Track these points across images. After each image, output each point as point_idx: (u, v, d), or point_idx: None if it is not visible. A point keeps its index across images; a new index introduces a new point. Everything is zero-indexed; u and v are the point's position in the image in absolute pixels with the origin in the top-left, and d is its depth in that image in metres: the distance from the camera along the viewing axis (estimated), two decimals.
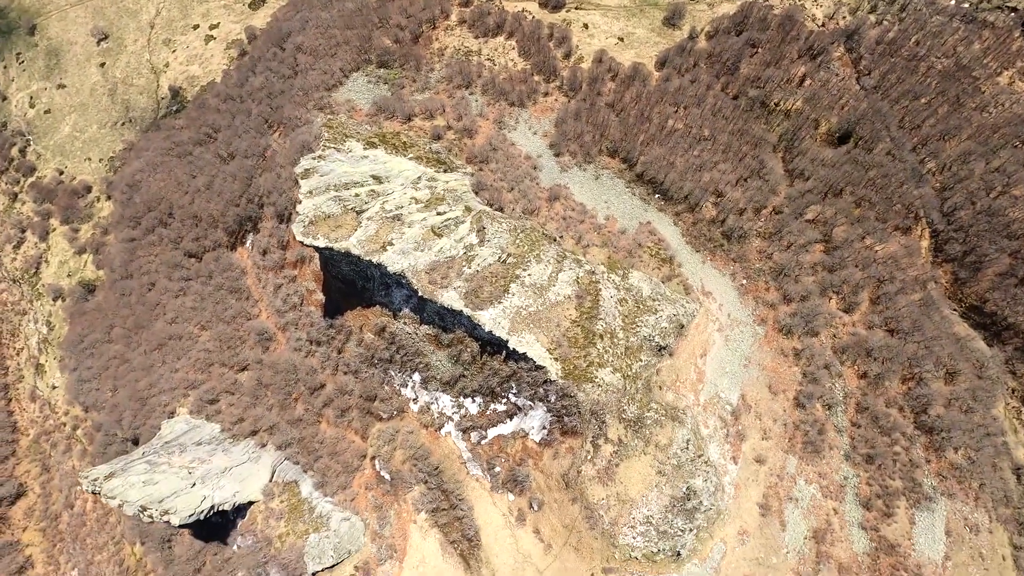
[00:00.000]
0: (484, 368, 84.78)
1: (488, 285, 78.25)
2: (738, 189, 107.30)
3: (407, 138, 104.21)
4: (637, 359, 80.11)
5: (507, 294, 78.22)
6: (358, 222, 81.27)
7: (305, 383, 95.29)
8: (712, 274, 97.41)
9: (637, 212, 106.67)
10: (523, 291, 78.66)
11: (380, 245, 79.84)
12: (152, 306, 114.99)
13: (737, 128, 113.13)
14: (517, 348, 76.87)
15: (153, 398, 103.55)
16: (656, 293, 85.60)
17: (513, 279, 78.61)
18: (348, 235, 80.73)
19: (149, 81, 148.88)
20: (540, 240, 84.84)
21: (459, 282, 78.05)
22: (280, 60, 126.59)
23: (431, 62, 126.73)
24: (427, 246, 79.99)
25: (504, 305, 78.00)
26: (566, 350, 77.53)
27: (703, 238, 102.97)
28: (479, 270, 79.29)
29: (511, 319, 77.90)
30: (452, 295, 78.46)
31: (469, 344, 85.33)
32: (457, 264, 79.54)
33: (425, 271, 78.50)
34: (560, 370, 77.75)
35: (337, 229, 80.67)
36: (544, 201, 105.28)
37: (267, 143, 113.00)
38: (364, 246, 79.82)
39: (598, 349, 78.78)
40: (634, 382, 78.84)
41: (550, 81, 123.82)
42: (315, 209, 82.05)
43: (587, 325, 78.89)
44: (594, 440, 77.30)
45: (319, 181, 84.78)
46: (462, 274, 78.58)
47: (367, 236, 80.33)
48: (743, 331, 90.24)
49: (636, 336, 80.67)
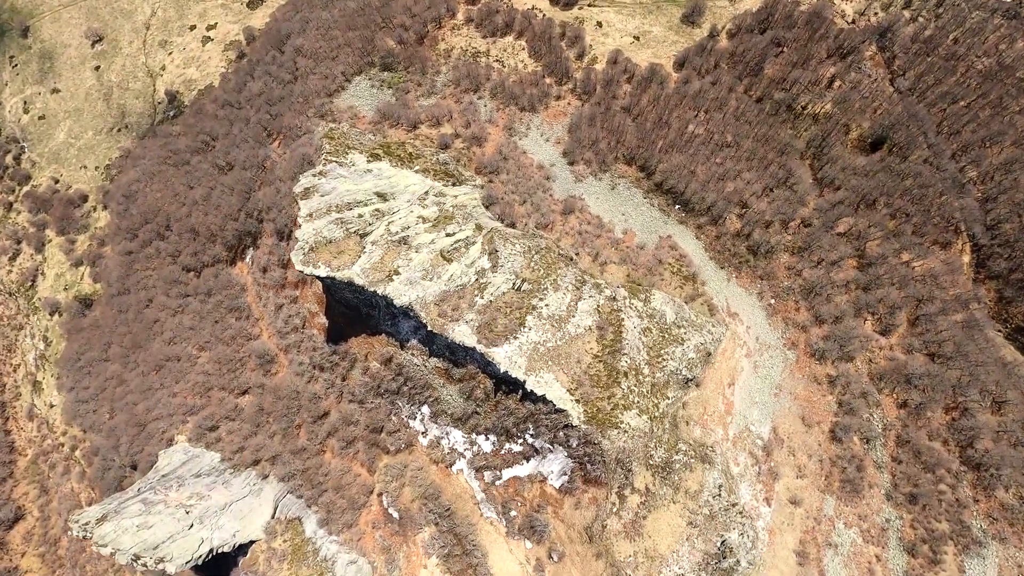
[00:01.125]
0: (498, 407, 78.42)
1: (502, 317, 71.61)
2: (764, 200, 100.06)
3: (413, 148, 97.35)
4: (664, 397, 73.63)
5: (523, 328, 71.56)
6: (361, 247, 74.69)
7: (308, 410, 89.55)
8: (738, 293, 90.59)
9: (656, 225, 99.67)
10: (540, 324, 71.93)
11: (386, 274, 73.29)
12: (150, 324, 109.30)
13: (762, 134, 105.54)
14: (535, 390, 70.39)
15: (151, 424, 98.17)
16: (681, 318, 78.90)
17: (529, 310, 71.93)
18: (351, 262, 74.21)
19: (145, 85, 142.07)
20: (556, 262, 78.13)
21: (471, 314, 71.49)
22: (279, 64, 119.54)
23: (437, 64, 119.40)
24: (436, 273, 73.42)
25: (520, 340, 71.25)
26: (588, 390, 70.98)
27: (727, 253, 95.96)
28: (492, 300, 72.62)
29: (528, 356, 71.23)
30: (464, 329, 71.94)
31: (482, 381, 79.03)
32: (469, 293, 72.87)
33: (435, 302, 71.97)
34: (582, 414, 71.15)
35: (339, 256, 74.15)
36: (558, 215, 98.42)
37: (266, 154, 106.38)
38: (368, 275, 73.26)
39: (623, 389, 72.11)
40: (661, 422, 72.35)
41: (562, 83, 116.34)
42: (315, 234, 75.48)
43: (610, 361, 72.16)
44: (620, 491, 70.74)
45: (320, 202, 78.18)
46: (474, 305, 71.94)
47: (371, 263, 73.80)
48: (773, 356, 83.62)
49: (662, 371, 74.11)
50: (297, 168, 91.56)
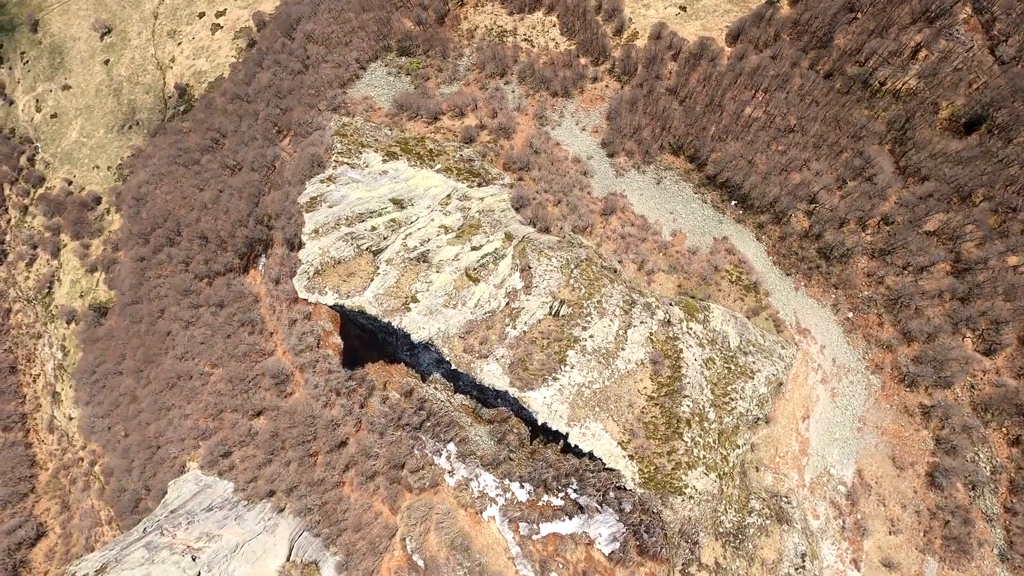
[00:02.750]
0: (535, 457, 67.53)
1: (539, 351, 60.28)
2: (836, 194, 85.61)
3: (433, 144, 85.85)
4: (733, 445, 61.80)
5: (564, 366, 60.08)
6: (375, 267, 64.25)
7: (325, 438, 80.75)
8: (808, 305, 77.35)
9: (710, 225, 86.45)
10: (584, 361, 60.29)
11: (402, 301, 62.72)
12: (162, 336, 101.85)
13: (832, 115, 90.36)
14: (580, 445, 59.15)
15: (162, 448, 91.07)
16: (746, 341, 66.57)
17: (571, 343, 60.41)
18: (363, 286, 63.82)
19: (155, 79, 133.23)
20: (599, 278, 66.36)
21: (502, 349, 60.53)
22: (289, 52, 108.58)
23: (459, 46, 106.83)
24: (460, 298, 62.56)
25: (561, 382, 59.68)
26: (643, 443, 59.32)
27: (794, 257, 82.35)
28: (526, 330, 61.32)
29: (571, 403, 59.67)
30: (494, 368, 60.94)
31: (516, 425, 68.39)
32: (499, 322, 61.74)
33: (459, 335, 61.21)
34: (637, 474, 59.46)
35: (349, 279, 63.93)
36: (598, 215, 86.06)
37: (276, 152, 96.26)
38: (383, 302, 62.81)
39: (685, 441, 60.05)
40: (731, 479, 60.61)
41: (599, 64, 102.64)
42: (322, 254, 65.24)
43: (668, 404, 60.21)
44: (684, 568, 59.29)
45: (327, 214, 67.77)
46: (505, 337, 60.87)
47: (386, 288, 63.30)
48: (853, 382, 70.71)
49: (731, 414, 62.18)
50: (306, 170, 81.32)
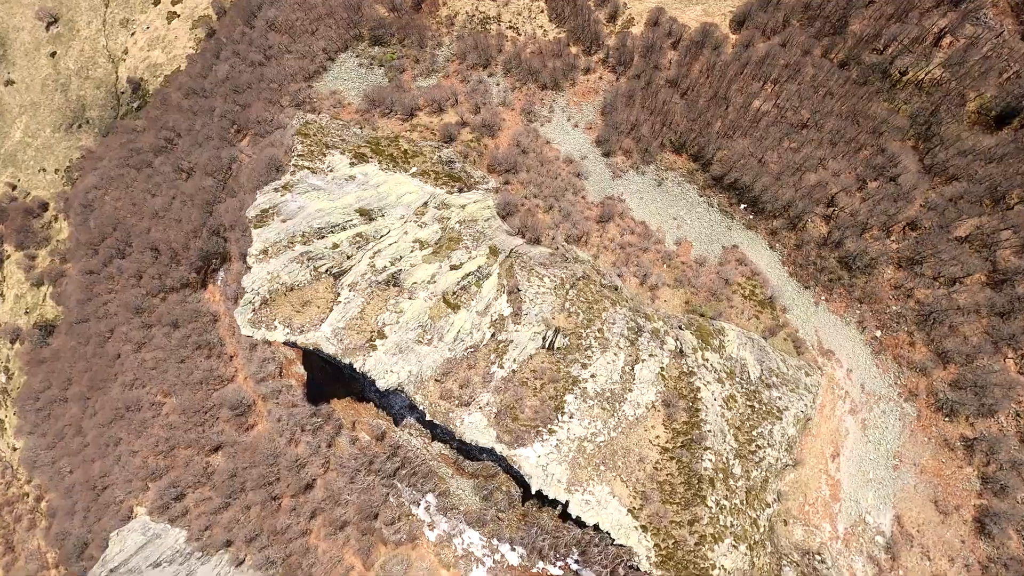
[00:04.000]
0: (527, 520, 57.65)
1: (531, 396, 50.38)
2: (856, 196, 76.88)
3: (409, 144, 75.65)
4: (763, 504, 52.69)
5: (561, 415, 50.11)
6: (335, 293, 53.96)
7: (290, 480, 70.72)
8: (831, 322, 68.63)
9: (718, 232, 77.32)
10: (585, 408, 50.47)
11: (367, 337, 52.43)
12: (111, 360, 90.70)
13: (849, 109, 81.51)
14: (583, 516, 49.16)
15: (108, 490, 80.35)
16: (767, 371, 57.63)
17: (569, 386, 50.67)
18: (320, 319, 53.36)
19: (107, 72, 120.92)
20: (599, 300, 56.87)
21: (486, 394, 50.68)
22: (249, 42, 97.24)
23: (438, 35, 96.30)
24: (437, 331, 52.57)
25: (558, 437, 49.49)
26: (658, 509, 49.48)
27: (812, 268, 73.56)
28: (516, 368, 51.41)
29: (570, 462, 49.61)
30: (477, 420, 50.87)
31: (504, 483, 58.49)
32: (483, 360, 51.74)
33: (435, 378, 51.20)
34: (653, 551, 49.08)
35: (304, 309, 53.52)
36: (594, 222, 76.53)
37: (232, 155, 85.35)
38: (343, 339, 52.35)
39: (709, 506, 49.96)
40: (762, 546, 51.34)
41: (592, 53, 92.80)
42: (271, 279, 54.59)
43: (687, 459, 50.19)
44: None
45: (279, 231, 57.21)
46: (491, 379, 50.93)
47: (347, 320, 52.95)
48: (886, 412, 62.26)
49: (759, 467, 52.99)
50: (262, 175, 70.83)
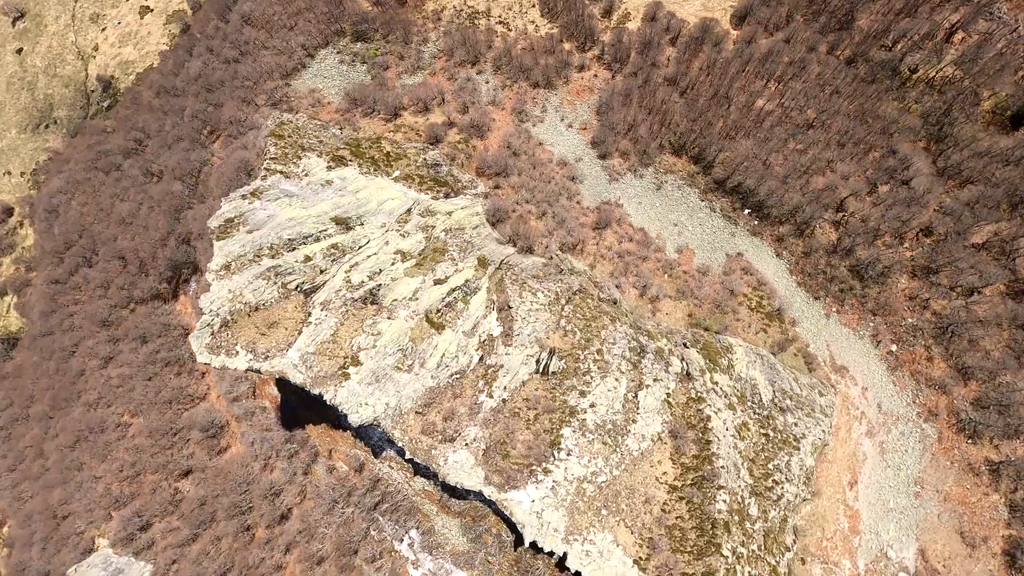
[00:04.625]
0: (520, 567, 52.18)
1: (523, 429, 44.84)
2: (867, 200, 72.52)
3: (392, 146, 70.40)
4: (783, 548, 47.59)
5: (557, 451, 44.50)
6: (305, 313, 48.37)
7: (264, 509, 65.24)
8: (843, 336, 64.14)
9: (721, 238, 72.68)
10: (585, 443, 44.93)
11: (339, 364, 46.88)
12: (74, 377, 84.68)
13: (857, 108, 77.18)
14: (583, 570, 43.64)
15: (68, 519, 74.39)
16: (780, 392, 52.96)
17: (566, 418, 45.38)
18: (287, 342, 47.67)
19: (76, 70, 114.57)
20: (598, 316, 51.91)
21: (474, 428, 45.20)
22: (223, 37, 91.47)
23: (424, 30, 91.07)
24: (418, 355, 47.11)
25: (554, 477, 43.67)
26: (668, 559, 43.76)
27: (822, 277, 69.06)
28: (507, 398, 46.01)
29: (568, 507, 44.06)
30: (463, 458, 45.13)
31: (495, 525, 53.30)
32: (470, 388, 46.32)
33: (416, 409, 45.69)
34: None
35: (270, 331, 47.85)
36: (590, 229, 71.61)
37: (203, 157, 79.63)
38: (312, 366, 46.77)
39: (725, 556, 44.06)
40: None
41: (586, 50, 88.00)
42: (233, 299, 48.87)
43: (698, 500, 44.85)
44: None
45: (245, 243, 51.53)
46: (478, 410, 45.43)
47: (318, 343, 47.44)
48: (905, 434, 57.80)
49: (777, 505, 48.09)
50: (231, 180, 65.34)
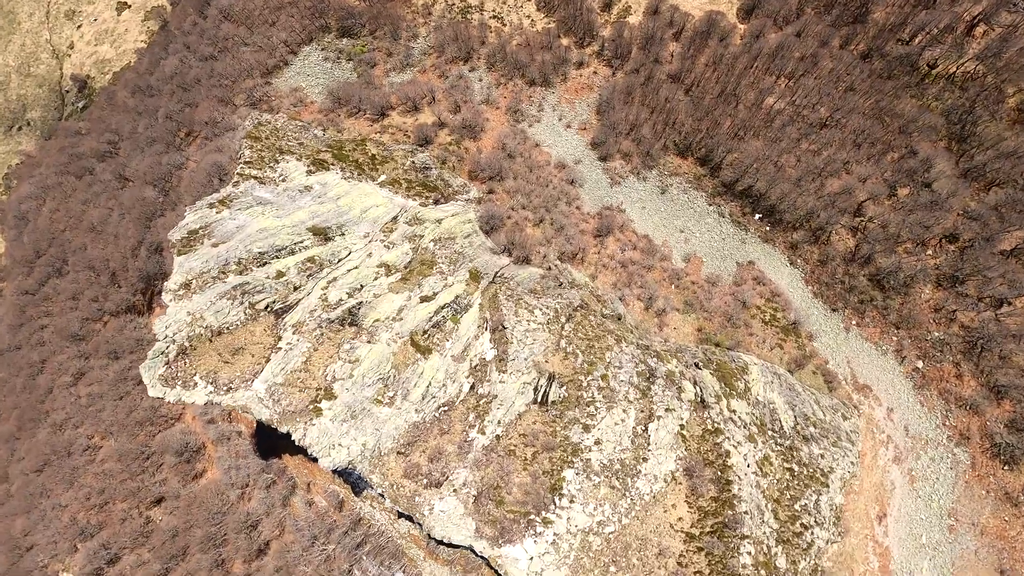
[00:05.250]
0: None
1: (520, 471, 38.96)
2: (886, 204, 67.74)
3: (378, 148, 65.34)
4: None
5: (559, 497, 38.94)
6: (275, 337, 42.88)
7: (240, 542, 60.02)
8: (865, 351, 59.32)
9: (731, 246, 67.78)
10: (589, 487, 38.95)
11: (311, 397, 41.28)
12: (43, 394, 79.25)
13: (873, 106, 72.43)
14: None
15: (31, 552, 68.91)
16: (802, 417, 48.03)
17: (567, 457, 39.76)
18: (252, 372, 41.76)
19: (50, 69, 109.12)
20: (602, 336, 46.78)
21: (463, 470, 39.39)
22: (200, 33, 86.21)
23: (414, 25, 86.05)
24: (401, 385, 41.50)
25: (555, 529, 38.02)
26: None
27: (840, 287, 64.22)
28: (501, 434, 40.11)
29: (572, 566, 38.01)
30: (451, 507, 39.33)
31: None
32: (459, 422, 40.57)
33: (397, 449, 40.13)
34: None
35: (234, 359, 42.20)
36: (591, 236, 66.61)
37: (177, 161, 74.27)
38: (281, 399, 40.90)
39: None
40: None
41: (585, 45, 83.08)
42: (192, 323, 43.09)
43: (719, 551, 39.00)
44: None
45: (209, 258, 45.93)
46: (469, 450, 39.57)
47: (288, 373, 41.75)
48: (935, 459, 53.03)
49: (807, 553, 42.85)
50: (203, 186, 60.21)
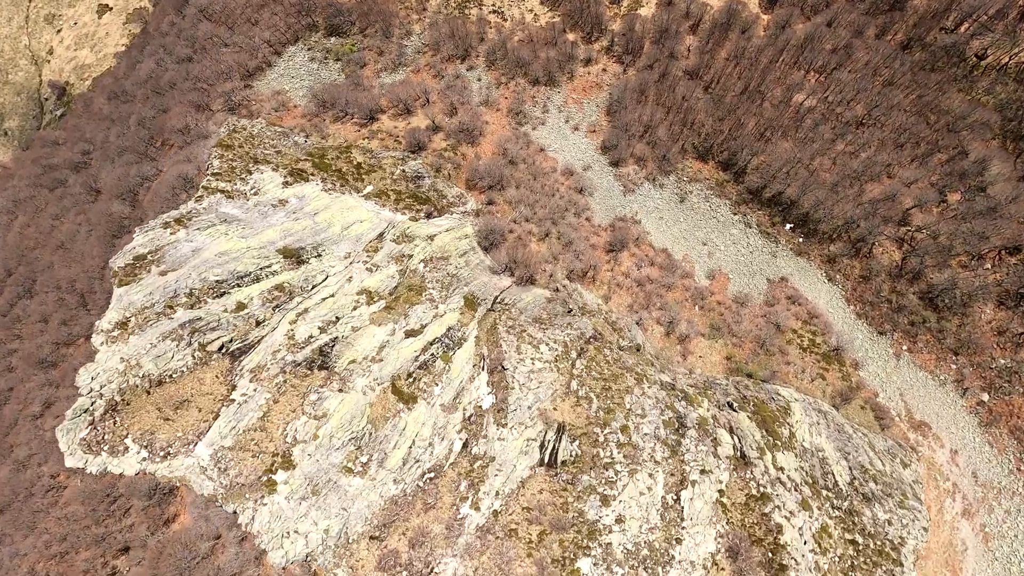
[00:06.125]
0: None
1: (523, 558, 30.35)
2: (934, 211, 59.90)
3: (364, 155, 58.40)
4: None
5: None
6: (228, 387, 35.20)
7: None
8: (920, 382, 51.53)
9: (761, 260, 60.17)
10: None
11: (264, 465, 32.55)
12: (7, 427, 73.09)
13: (916, 102, 64.65)
14: None
15: None
16: (857, 468, 40.43)
17: (582, 541, 31.66)
18: (196, 431, 33.23)
19: (28, 76, 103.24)
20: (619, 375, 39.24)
21: (451, 559, 30.43)
22: (177, 33, 79.82)
23: (407, 22, 79.25)
24: (377, 447, 33.41)
25: None
26: None
27: (887, 307, 56.45)
28: (499, 509, 32.47)
29: None
30: None
31: None
32: (448, 494, 32.11)
33: (370, 533, 31.98)
34: None
35: (177, 413, 33.66)
36: (602, 251, 59.24)
37: (147, 172, 67.66)
38: (226, 468, 31.14)
39: None
40: None
41: (593, 40, 75.93)
42: (125, 372, 34.79)
43: None
44: None
45: (154, 288, 38.22)
46: (460, 531, 31.29)
47: (239, 433, 33.48)
48: (1011, 511, 45.23)
49: None
50: (165, 200, 53.41)
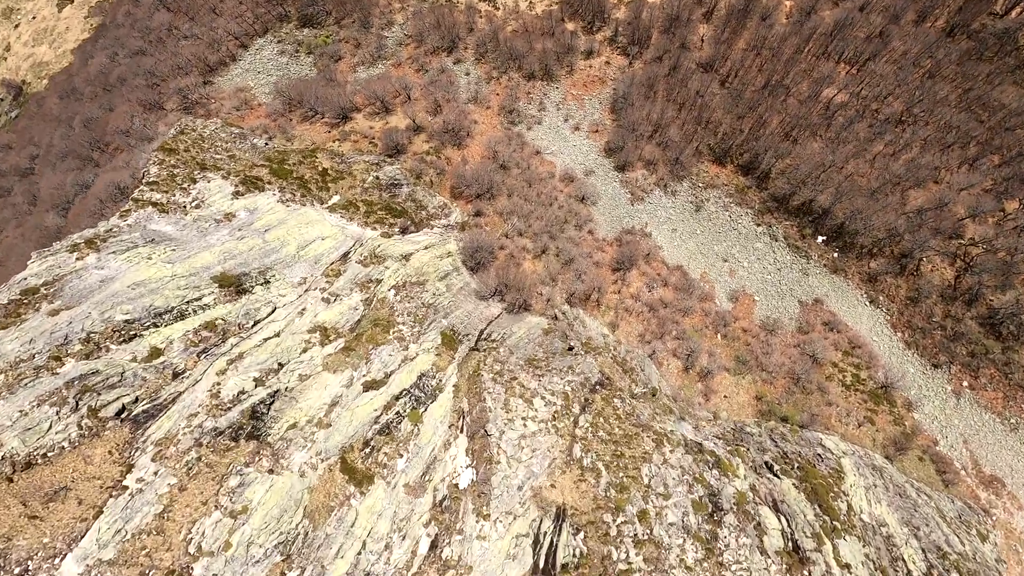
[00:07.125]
0: None
1: None
2: (990, 221, 51.68)
3: (332, 160, 50.20)
4: None
5: None
6: (124, 465, 26.70)
7: None
8: (986, 425, 43.44)
9: (791, 279, 51.91)
10: None
11: None
12: None
13: (963, 96, 56.46)
14: None
15: None
16: (935, 551, 32.16)
17: None
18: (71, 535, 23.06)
19: None
20: (633, 436, 30.64)
21: None
22: (132, 24, 71.56)
23: (388, 11, 71.18)
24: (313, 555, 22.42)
25: None
26: None
27: (940, 334, 48.22)
28: None
29: None
30: None
31: None
32: None
33: None
34: None
35: (47, 511, 23.12)
36: (608, 270, 50.99)
37: (85, 180, 59.26)
38: None
39: None
40: None
41: (595, 30, 67.83)
42: None
43: None
44: None
45: (38, 332, 29.00)
46: None
47: (124, 540, 23.24)
48: None
49: None
50: (92, 215, 45.00)
